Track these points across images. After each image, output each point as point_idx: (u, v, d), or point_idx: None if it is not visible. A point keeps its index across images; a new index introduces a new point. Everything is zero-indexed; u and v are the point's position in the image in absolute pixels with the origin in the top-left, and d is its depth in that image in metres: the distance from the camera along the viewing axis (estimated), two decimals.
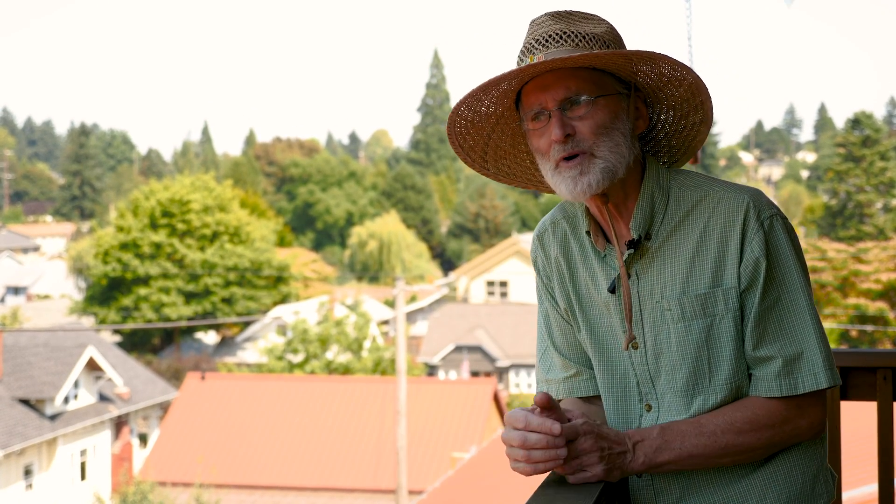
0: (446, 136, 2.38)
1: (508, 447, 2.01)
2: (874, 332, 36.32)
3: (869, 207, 56.14)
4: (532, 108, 2.14)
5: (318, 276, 60.73)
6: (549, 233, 2.35)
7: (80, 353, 31.60)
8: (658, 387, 2.20)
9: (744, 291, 2.13)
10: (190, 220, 51.02)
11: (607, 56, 2.07)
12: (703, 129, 2.27)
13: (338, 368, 36.64)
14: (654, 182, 2.20)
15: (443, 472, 27.16)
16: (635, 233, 2.17)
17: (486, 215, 79.69)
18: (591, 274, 2.27)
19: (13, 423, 28.92)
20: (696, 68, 5.23)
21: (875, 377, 3.11)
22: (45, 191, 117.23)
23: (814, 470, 2.22)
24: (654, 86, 2.19)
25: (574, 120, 2.11)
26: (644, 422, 2.22)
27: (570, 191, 2.12)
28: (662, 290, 2.17)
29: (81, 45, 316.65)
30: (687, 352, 2.15)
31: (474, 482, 21.46)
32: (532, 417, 2.00)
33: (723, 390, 2.15)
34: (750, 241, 2.12)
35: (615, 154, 2.11)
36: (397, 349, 23.33)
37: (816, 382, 2.11)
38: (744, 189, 2.16)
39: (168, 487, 27.77)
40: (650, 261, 2.19)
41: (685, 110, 2.24)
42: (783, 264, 2.13)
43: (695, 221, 2.16)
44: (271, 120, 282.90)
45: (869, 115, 58.66)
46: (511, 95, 2.19)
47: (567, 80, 2.10)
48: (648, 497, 2.21)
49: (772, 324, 2.12)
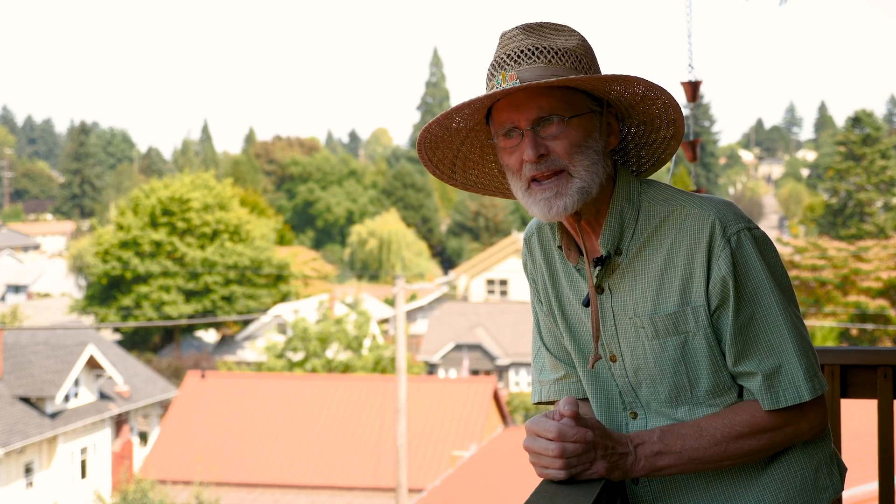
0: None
1: (540, 456, 2.02)
2: (874, 330, 36.31)
3: (869, 206, 56.14)
4: (504, 126, 2.11)
5: (318, 275, 60.71)
6: (535, 238, 2.34)
7: (80, 351, 31.60)
8: (641, 396, 2.21)
9: (715, 310, 2.11)
10: (190, 218, 50.99)
11: (582, 80, 2.05)
12: (674, 143, 2.25)
13: (338, 367, 36.64)
14: (623, 197, 2.17)
15: (443, 470, 27.18)
16: (604, 249, 2.15)
17: (486, 214, 79.67)
18: (571, 282, 2.26)
19: (14, 422, 28.92)
20: (696, 67, 5.20)
21: (875, 375, 3.11)
22: (45, 189, 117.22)
23: (815, 465, 2.21)
24: (628, 103, 2.17)
25: (547, 139, 2.08)
26: (631, 429, 2.22)
27: (545, 214, 2.10)
28: (635, 307, 2.16)
29: (81, 44, 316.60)
30: (665, 367, 2.15)
31: (474, 480, 21.47)
32: (567, 429, 2.01)
33: (707, 399, 2.15)
34: (716, 260, 2.09)
35: (590, 173, 2.09)
36: (397, 347, 23.32)
37: (798, 395, 2.10)
38: (711, 203, 2.13)
39: (168, 485, 27.78)
40: (622, 276, 2.17)
41: (657, 125, 2.22)
42: (753, 280, 2.10)
43: (662, 238, 2.14)
44: (271, 118, 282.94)
45: (869, 113, 58.66)
46: (482, 111, 2.16)
47: (540, 99, 2.07)
48: (647, 499, 2.21)
49: (749, 341, 2.11)
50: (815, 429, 2.16)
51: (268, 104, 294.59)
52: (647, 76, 2.10)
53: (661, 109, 2.17)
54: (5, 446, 27.58)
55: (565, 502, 1.89)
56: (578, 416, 2.03)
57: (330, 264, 68.15)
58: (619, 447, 2.07)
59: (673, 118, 2.18)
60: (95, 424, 32.29)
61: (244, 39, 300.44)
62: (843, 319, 36.85)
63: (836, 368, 3.12)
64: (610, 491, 2.06)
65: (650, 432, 2.11)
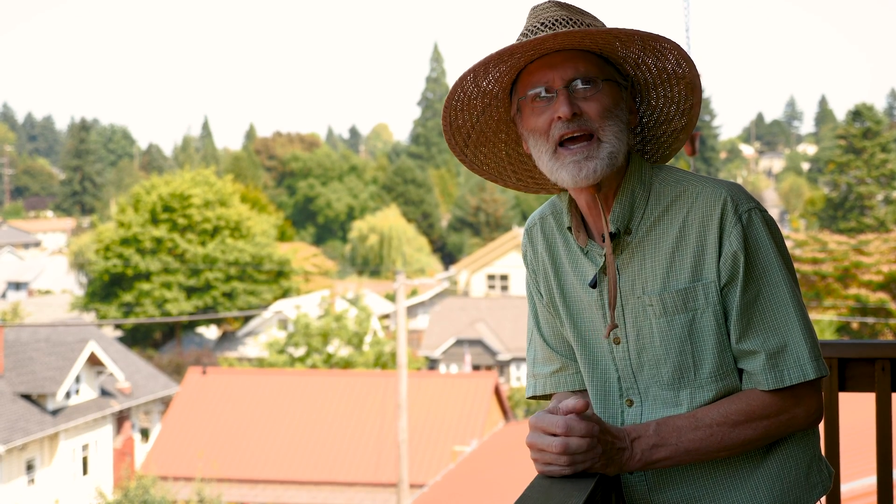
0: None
1: (543, 452, 1.99)
2: (875, 323, 36.30)
3: (870, 199, 56.11)
4: (536, 87, 2.12)
5: (319, 271, 60.70)
6: (538, 228, 2.34)
7: (81, 348, 31.62)
8: (641, 382, 2.20)
9: (724, 286, 2.12)
10: (191, 214, 50.97)
11: (629, 34, 2.06)
12: (683, 136, 2.26)
13: (339, 362, 36.66)
14: (636, 177, 2.18)
15: (444, 465, 27.18)
16: (613, 227, 2.16)
17: (487, 209, 79.65)
18: (576, 269, 2.25)
19: (15, 419, 28.94)
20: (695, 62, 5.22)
21: (873, 368, 3.11)
22: (45, 186, 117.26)
23: (807, 461, 2.21)
24: (651, 82, 2.18)
25: (580, 101, 2.09)
26: (627, 417, 2.21)
27: (573, 176, 2.09)
28: (644, 285, 2.16)
29: (82, 41, 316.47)
30: (670, 346, 2.15)
31: (475, 475, 21.47)
32: (574, 423, 1.99)
33: (709, 383, 2.14)
34: (728, 235, 2.10)
35: (619, 140, 2.10)
36: (398, 343, 23.33)
37: (803, 374, 2.10)
38: (722, 183, 2.14)
39: (170, 482, 27.78)
40: (630, 256, 2.18)
41: (670, 115, 2.23)
42: (763, 258, 2.11)
43: (674, 216, 2.15)
44: (271, 114, 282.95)
45: (870, 106, 58.60)
46: (512, 74, 2.16)
47: (575, 60, 2.09)
48: (642, 490, 2.21)
49: (755, 317, 2.11)
50: (810, 417, 2.15)
51: (268, 100, 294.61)
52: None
53: (682, 93, 2.19)
54: (7, 443, 27.60)
55: (560, 497, 1.87)
56: (585, 412, 2.03)
57: (331, 260, 68.14)
58: (617, 442, 2.06)
59: (690, 105, 2.20)
60: (97, 421, 32.31)
61: (244, 36, 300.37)
62: (844, 313, 36.84)
63: (834, 362, 3.11)
64: (605, 485, 2.06)
65: (646, 426, 2.11)
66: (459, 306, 48.15)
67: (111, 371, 32.86)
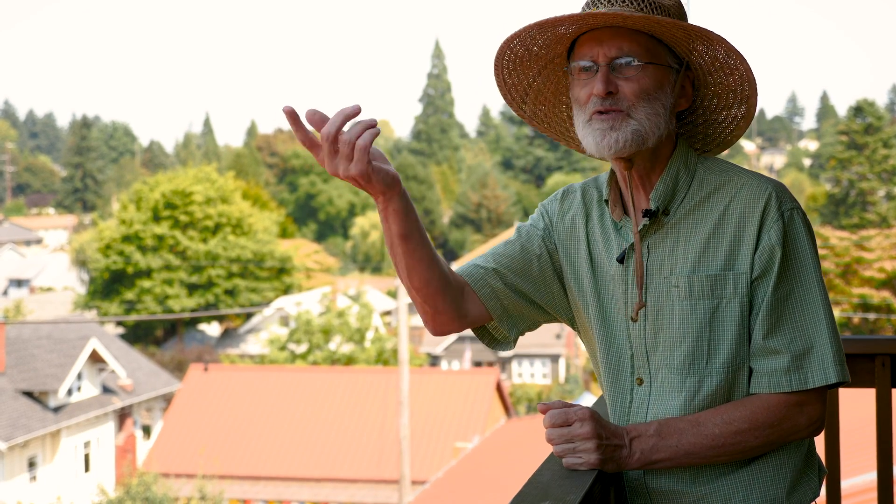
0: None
1: (569, 443, 2.07)
2: (877, 319, 36.29)
3: (872, 195, 56.02)
4: (583, 59, 2.13)
5: (321, 267, 60.73)
6: (577, 195, 2.34)
7: (83, 345, 31.64)
8: (653, 362, 2.19)
9: (756, 279, 2.12)
10: (192, 211, 51.00)
11: (666, 24, 2.06)
12: (743, 124, 2.26)
13: (340, 359, 36.68)
14: (681, 161, 2.20)
15: (446, 461, 27.20)
16: (654, 204, 2.16)
17: (488, 205, 79.64)
18: (607, 243, 2.26)
19: (17, 416, 28.97)
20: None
21: (873, 364, 3.10)
22: (47, 183, 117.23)
23: (801, 463, 2.20)
24: (707, 69, 2.19)
25: (620, 79, 2.10)
26: (635, 396, 2.20)
27: (597, 143, 2.11)
28: (672, 266, 2.16)
29: (83, 38, 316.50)
30: (688, 330, 2.14)
31: (477, 471, 21.49)
32: (599, 415, 2.09)
33: (719, 373, 2.13)
34: (768, 230, 2.11)
35: (650, 122, 2.11)
36: (399, 339, 23.32)
37: (826, 377, 2.09)
38: (768, 179, 2.15)
39: (172, 479, 27.81)
40: (664, 236, 2.18)
41: (729, 101, 2.24)
42: (799, 257, 2.11)
43: (715, 204, 2.16)
44: (273, 111, 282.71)
45: (871, 102, 58.48)
46: (566, 42, 2.18)
47: (622, 39, 2.10)
48: (640, 490, 2.20)
49: (784, 316, 2.11)
50: (812, 426, 2.14)
51: (269, 97, 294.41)
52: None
53: (737, 83, 2.19)
54: (8, 441, 27.63)
55: (558, 492, 1.87)
56: (582, 409, 2.06)
57: (332, 257, 68.16)
58: (615, 439, 2.06)
59: (747, 95, 2.20)
60: (98, 418, 32.34)
61: (245, 32, 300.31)
62: (847, 310, 36.83)
63: None
64: (603, 482, 2.05)
65: (647, 425, 2.10)
66: None
67: (113, 368, 32.88)
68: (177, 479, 28.11)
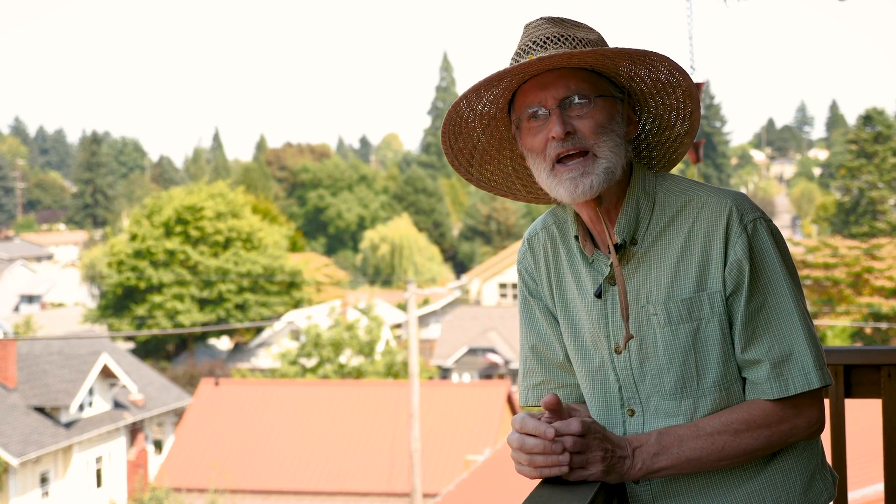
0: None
1: (511, 450, 2.02)
2: (889, 328, 36.15)
3: (882, 204, 55.91)
4: (529, 107, 2.14)
5: (331, 281, 60.73)
6: (540, 237, 2.34)
7: (94, 360, 31.69)
8: (642, 391, 2.19)
9: (730, 296, 2.13)
10: (203, 226, 51.10)
11: (611, 55, 2.08)
12: (687, 140, 2.27)
13: (351, 372, 36.66)
14: (639, 187, 2.20)
15: (457, 474, 27.14)
16: (619, 237, 2.17)
17: (498, 217, 79.61)
18: (578, 280, 2.26)
19: (29, 431, 29.01)
20: (697, 69, 5.22)
21: (879, 374, 3.10)
22: (57, 199, 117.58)
23: (811, 471, 2.21)
24: (648, 92, 2.20)
25: (573, 118, 2.11)
26: (629, 427, 2.21)
27: (571, 192, 2.11)
28: (648, 294, 2.16)
29: (92, 54, 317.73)
30: (674, 356, 2.15)
31: (488, 484, 21.44)
32: (528, 421, 2.00)
33: (712, 392, 2.15)
34: (733, 245, 2.11)
35: (615, 155, 2.12)
36: (410, 352, 23.33)
37: (808, 382, 2.10)
38: (727, 193, 2.16)
39: (183, 493, 27.83)
40: (636, 266, 2.18)
41: (671, 121, 2.25)
42: (768, 267, 2.12)
43: (680, 226, 2.16)
44: (282, 125, 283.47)
45: (881, 111, 58.41)
46: (507, 95, 2.18)
47: (567, 79, 2.11)
48: (646, 499, 2.21)
49: (760, 326, 2.12)
50: (812, 427, 2.15)
51: (278, 111, 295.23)
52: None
53: (679, 100, 2.20)
54: (20, 456, 27.66)
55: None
56: (562, 411, 2.03)
57: (342, 270, 68.16)
58: (618, 450, 2.07)
59: (690, 111, 2.21)
60: (110, 433, 32.37)
61: (254, 47, 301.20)
62: (857, 319, 36.70)
63: (840, 368, 3.11)
64: (607, 493, 2.06)
65: (647, 435, 2.11)
66: (471, 315, 48.13)
67: (124, 383, 32.92)
68: (188, 493, 28.12)
